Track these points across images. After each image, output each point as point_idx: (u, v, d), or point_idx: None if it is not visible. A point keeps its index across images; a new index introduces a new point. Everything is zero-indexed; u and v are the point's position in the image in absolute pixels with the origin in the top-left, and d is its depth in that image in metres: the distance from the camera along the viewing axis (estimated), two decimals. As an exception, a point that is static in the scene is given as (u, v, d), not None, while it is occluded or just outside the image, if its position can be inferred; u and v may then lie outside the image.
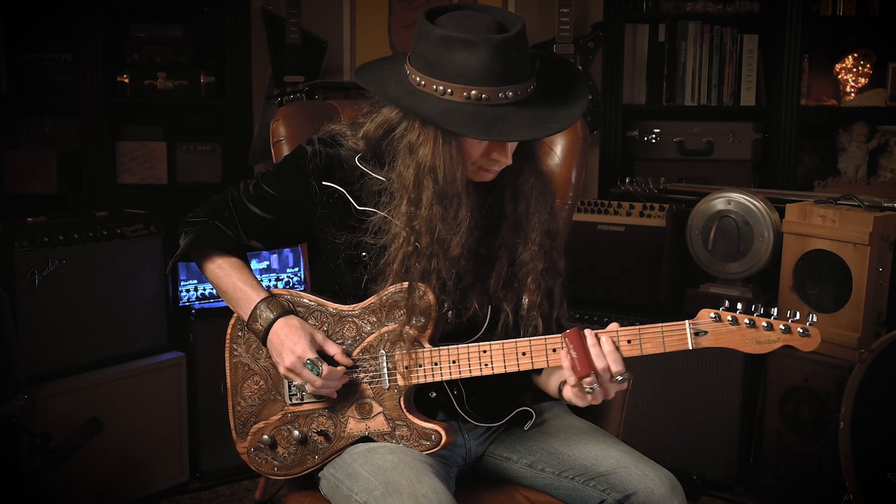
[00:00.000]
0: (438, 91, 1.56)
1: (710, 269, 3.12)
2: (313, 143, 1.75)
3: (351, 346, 1.69)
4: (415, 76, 1.60)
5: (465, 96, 1.55)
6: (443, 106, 1.55)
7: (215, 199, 1.79)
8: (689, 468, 2.92)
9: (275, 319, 1.67)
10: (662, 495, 1.60)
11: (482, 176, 1.68)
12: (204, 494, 2.98)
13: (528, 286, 1.71)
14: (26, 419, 2.43)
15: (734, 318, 1.53)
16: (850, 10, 3.54)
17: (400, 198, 1.63)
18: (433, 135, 1.59)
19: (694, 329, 1.54)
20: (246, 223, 1.75)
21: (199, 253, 1.77)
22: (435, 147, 1.59)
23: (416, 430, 1.66)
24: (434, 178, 1.59)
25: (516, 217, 1.72)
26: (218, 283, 1.76)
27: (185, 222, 1.78)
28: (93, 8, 3.61)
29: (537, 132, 1.57)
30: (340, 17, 3.84)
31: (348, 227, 1.70)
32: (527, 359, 1.63)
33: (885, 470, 2.37)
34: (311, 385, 1.65)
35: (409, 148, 1.62)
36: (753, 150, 3.60)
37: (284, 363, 1.65)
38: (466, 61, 1.53)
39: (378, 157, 1.70)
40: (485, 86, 1.54)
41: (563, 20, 3.54)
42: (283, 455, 1.72)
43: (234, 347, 1.76)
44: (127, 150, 3.74)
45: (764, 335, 1.52)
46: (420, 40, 1.59)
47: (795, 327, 1.51)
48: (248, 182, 1.78)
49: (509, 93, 1.55)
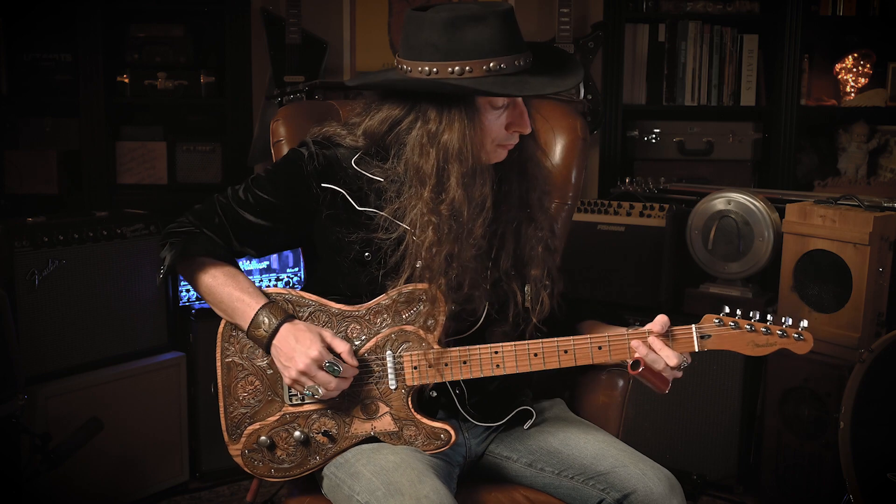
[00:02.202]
0: (456, 72, 1.57)
1: (710, 269, 3.12)
2: (308, 145, 1.73)
3: (356, 347, 1.68)
4: (422, 66, 1.59)
5: (486, 69, 1.57)
6: (468, 82, 1.57)
7: (200, 207, 1.75)
8: (689, 468, 2.92)
9: (280, 325, 1.64)
10: (661, 494, 1.60)
11: (499, 154, 1.69)
12: (204, 494, 2.98)
13: (536, 259, 1.73)
14: (26, 419, 2.43)
15: (736, 322, 1.63)
16: (850, 10, 3.54)
17: (416, 188, 1.63)
18: (457, 117, 1.60)
19: (700, 332, 1.63)
20: (238, 230, 1.72)
21: (187, 263, 1.72)
22: (461, 129, 1.60)
23: (425, 429, 1.66)
24: (462, 161, 1.60)
25: (521, 193, 1.74)
26: (211, 294, 1.71)
27: (168, 233, 1.73)
28: (93, 8, 3.61)
29: (559, 86, 1.61)
30: (340, 17, 3.84)
31: (357, 224, 1.69)
32: (539, 360, 1.64)
33: (885, 470, 2.37)
34: (325, 387, 1.62)
35: (428, 138, 1.61)
36: (753, 150, 3.60)
37: (298, 367, 1.60)
38: (479, 35, 1.56)
39: (382, 153, 1.69)
40: (502, 55, 1.57)
41: (563, 20, 3.54)
42: (281, 456, 1.70)
43: (227, 347, 1.73)
44: (127, 150, 3.74)
45: (762, 339, 1.63)
46: (422, 31, 1.60)
47: (791, 332, 1.62)
48: (236, 188, 1.74)
49: (520, 61, 1.60)
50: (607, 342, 1.65)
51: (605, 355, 1.65)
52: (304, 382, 1.62)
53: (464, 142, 1.60)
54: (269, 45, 3.65)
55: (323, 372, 1.61)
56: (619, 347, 1.65)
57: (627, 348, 1.64)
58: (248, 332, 1.67)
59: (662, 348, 1.62)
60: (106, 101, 3.67)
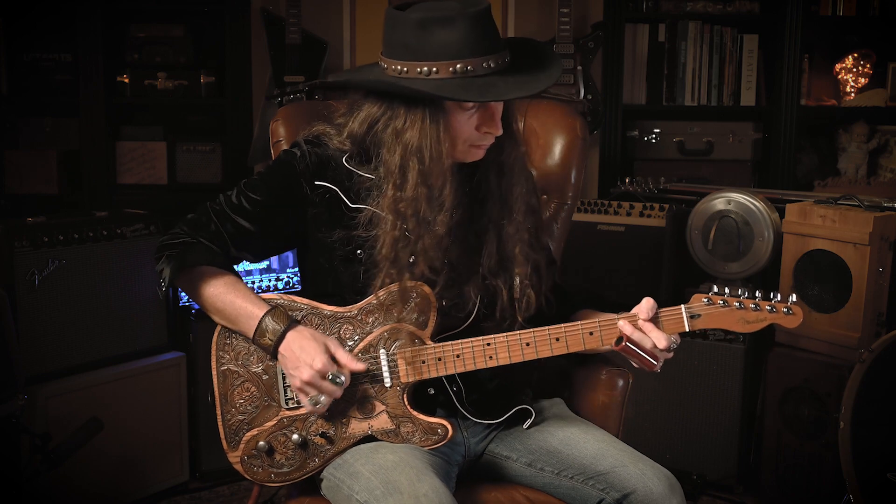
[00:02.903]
0: (423, 72, 1.59)
1: (710, 269, 3.12)
2: (300, 144, 1.74)
3: (349, 348, 1.68)
4: (395, 66, 1.61)
5: (452, 71, 1.58)
6: (431, 84, 1.58)
7: (193, 216, 1.74)
8: (689, 468, 2.92)
9: (284, 332, 1.64)
10: (661, 494, 1.60)
11: (474, 154, 1.70)
12: (204, 494, 2.98)
13: (517, 258, 1.73)
14: (26, 419, 2.43)
15: (725, 300, 1.64)
16: (850, 10, 3.54)
17: (386, 185, 1.64)
18: (420, 117, 1.61)
19: (689, 312, 1.65)
20: (234, 236, 1.71)
21: (186, 274, 1.71)
22: (422, 129, 1.61)
23: (422, 425, 1.67)
24: (420, 159, 1.61)
25: (501, 192, 1.74)
26: (213, 304, 1.70)
27: (163, 245, 1.72)
28: (93, 8, 3.61)
29: (526, 90, 1.62)
30: (340, 17, 3.84)
31: (340, 224, 1.69)
32: (531, 349, 1.65)
33: (885, 470, 2.37)
34: (331, 397, 1.62)
35: (394, 134, 1.63)
36: (753, 150, 3.60)
37: (302, 377, 1.61)
38: (447, 38, 1.57)
39: (364, 154, 1.70)
40: (469, 57, 1.58)
41: (563, 20, 3.54)
42: (280, 461, 1.70)
43: (221, 355, 1.72)
44: (127, 150, 3.74)
45: (752, 315, 1.64)
46: (396, 30, 1.61)
47: (780, 307, 1.63)
48: (228, 194, 1.74)
49: (490, 63, 1.60)
50: (598, 328, 1.66)
51: (597, 341, 1.66)
52: (309, 392, 1.63)
53: (424, 140, 1.61)
54: (269, 45, 3.65)
55: (327, 383, 1.61)
56: (609, 333, 1.66)
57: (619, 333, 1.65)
58: (254, 339, 1.67)
59: (652, 330, 1.64)
60: (106, 101, 3.67)
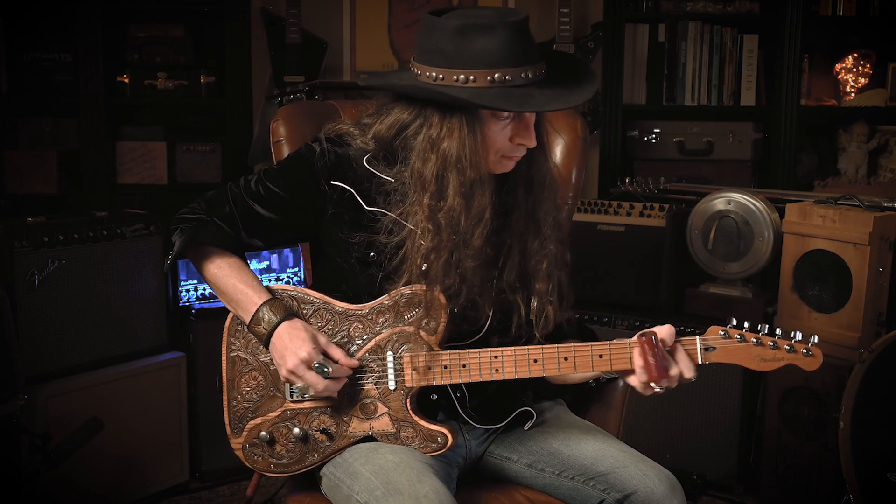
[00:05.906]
0: (460, 80, 1.57)
1: (710, 269, 3.12)
2: (321, 141, 1.73)
3: (357, 346, 1.68)
4: (430, 72, 1.59)
5: (490, 80, 1.56)
6: (468, 92, 1.56)
7: (212, 194, 1.75)
8: (689, 468, 2.92)
9: (278, 323, 1.65)
10: (662, 494, 1.60)
11: (504, 165, 1.68)
12: (204, 494, 2.98)
13: (541, 274, 1.71)
14: (26, 419, 2.43)
15: (742, 335, 1.59)
16: (850, 10, 3.55)
17: (419, 194, 1.63)
18: (457, 125, 1.59)
19: (704, 345, 1.60)
20: (247, 221, 1.72)
21: (196, 251, 1.74)
22: (460, 138, 1.59)
23: (423, 431, 1.66)
24: (460, 170, 1.59)
25: (528, 206, 1.72)
26: (216, 284, 1.72)
27: (179, 218, 1.74)
28: (93, 8, 3.61)
29: (562, 103, 1.62)
30: (340, 17, 3.84)
31: (361, 226, 1.69)
32: (538, 366, 1.63)
33: (885, 470, 2.37)
34: (314, 388, 1.63)
35: (429, 143, 1.61)
36: (753, 150, 3.60)
37: (287, 366, 1.62)
38: (486, 46, 1.55)
39: (390, 157, 1.69)
40: (507, 67, 1.56)
41: (563, 20, 3.54)
42: (280, 452, 1.71)
43: (232, 342, 1.74)
44: (127, 150, 3.74)
45: (769, 353, 1.59)
46: (432, 36, 1.59)
47: (799, 347, 1.58)
48: (248, 178, 1.75)
49: (528, 73, 1.58)
50: (609, 351, 1.62)
51: (606, 364, 1.63)
52: (293, 381, 1.64)
53: (463, 150, 1.59)
54: (269, 45, 3.66)
55: (311, 372, 1.61)
56: (620, 356, 1.62)
57: (629, 358, 1.61)
58: (249, 327, 1.68)
59: (684, 359, 1.59)
60: (106, 101, 3.67)
